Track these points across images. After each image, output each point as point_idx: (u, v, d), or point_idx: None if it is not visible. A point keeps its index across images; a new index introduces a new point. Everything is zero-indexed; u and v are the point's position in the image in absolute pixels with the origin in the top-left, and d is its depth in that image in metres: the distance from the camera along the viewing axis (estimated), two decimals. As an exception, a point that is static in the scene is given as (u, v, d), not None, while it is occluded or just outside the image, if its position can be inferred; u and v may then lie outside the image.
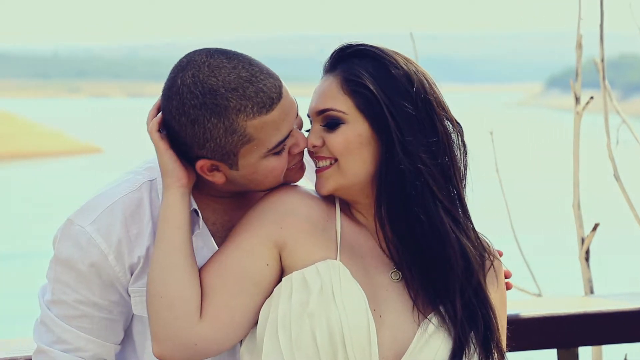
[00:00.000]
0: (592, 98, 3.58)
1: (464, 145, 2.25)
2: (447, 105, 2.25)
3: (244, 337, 2.21)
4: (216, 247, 2.28)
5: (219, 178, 2.21)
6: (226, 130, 2.14)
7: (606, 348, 3.49)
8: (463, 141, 2.25)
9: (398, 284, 2.21)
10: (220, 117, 2.13)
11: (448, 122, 2.23)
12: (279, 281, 2.18)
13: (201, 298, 2.17)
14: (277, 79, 2.18)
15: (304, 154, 2.28)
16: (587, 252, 3.62)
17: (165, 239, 2.18)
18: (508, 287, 2.38)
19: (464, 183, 2.25)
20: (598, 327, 3.01)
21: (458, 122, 2.25)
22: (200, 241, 2.27)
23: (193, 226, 2.24)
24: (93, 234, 2.22)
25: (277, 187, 2.24)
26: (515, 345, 2.40)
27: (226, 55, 2.17)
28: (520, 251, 3.88)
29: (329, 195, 2.25)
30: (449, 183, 2.22)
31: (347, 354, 2.13)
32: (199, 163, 2.19)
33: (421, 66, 2.26)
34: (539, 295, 3.80)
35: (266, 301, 2.18)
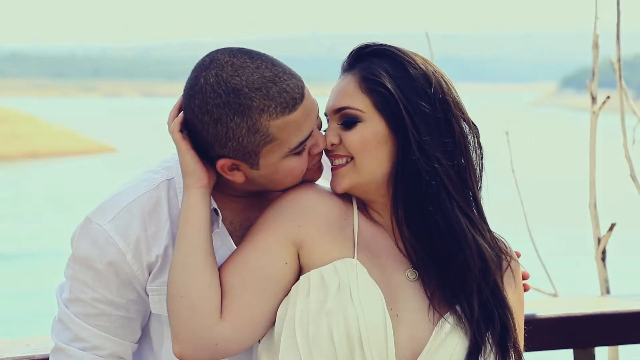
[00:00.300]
0: (609, 98, 3.57)
1: (480, 147, 2.25)
2: (464, 107, 2.25)
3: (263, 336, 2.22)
4: (234, 247, 2.28)
5: (239, 177, 2.21)
6: (249, 129, 2.14)
7: (622, 348, 3.48)
8: (479, 143, 2.25)
9: (414, 283, 2.22)
10: (243, 117, 2.14)
11: (465, 124, 2.23)
12: (297, 280, 2.19)
13: (221, 297, 2.17)
14: (300, 79, 2.18)
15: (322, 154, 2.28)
16: (604, 252, 3.61)
17: (185, 239, 2.18)
18: (526, 289, 2.38)
19: (480, 185, 2.25)
20: (614, 327, 3.00)
21: (474, 124, 2.26)
22: (218, 240, 2.27)
23: (212, 225, 2.25)
24: (111, 233, 2.23)
25: (295, 186, 2.24)
26: (531, 345, 2.40)
27: (249, 55, 2.17)
28: (536, 251, 3.87)
29: (346, 194, 2.25)
30: (465, 184, 2.22)
31: (364, 353, 2.13)
32: (220, 162, 2.19)
33: (439, 67, 2.26)
34: (555, 295, 3.79)
35: (284, 300, 2.18)
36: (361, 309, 2.13)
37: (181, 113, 2.21)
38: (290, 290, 2.18)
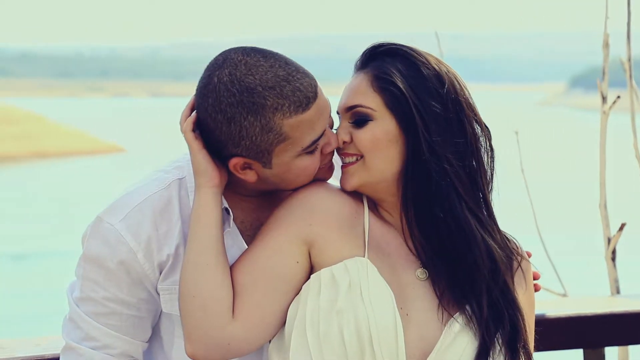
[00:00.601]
0: (619, 97, 3.57)
1: (492, 149, 2.25)
2: (477, 108, 2.25)
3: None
4: (245, 246, 2.28)
5: (251, 176, 2.21)
6: (262, 128, 2.14)
7: (632, 348, 3.47)
8: (491, 146, 2.25)
9: (424, 283, 2.22)
10: (257, 116, 2.14)
11: (477, 125, 2.23)
12: (308, 278, 2.19)
13: (232, 297, 2.17)
14: (313, 78, 2.18)
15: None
16: (614, 252, 3.61)
17: (197, 239, 2.18)
18: (537, 289, 2.37)
19: (491, 186, 2.25)
20: (624, 327, 2.99)
21: (487, 126, 2.25)
22: (229, 240, 2.27)
23: (223, 225, 2.25)
24: (122, 232, 2.23)
25: (306, 185, 2.24)
26: (541, 345, 2.39)
27: (262, 53, 2.17)
28: (545, 251, 3.87)
29: (357, 192, 2.25)
30: (475, 185, 2.22)
31: (375, 352, 2.13)
32: (233, 161, 2.19)
33: (452, 68, 2.26)
34: (565, 295, 3.78)
35: (295, 299, 2.18)
36: (372, 308, 2.13)
37: (194, 112, 2.22)
38: (301, 289, 2.18)
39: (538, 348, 2.36)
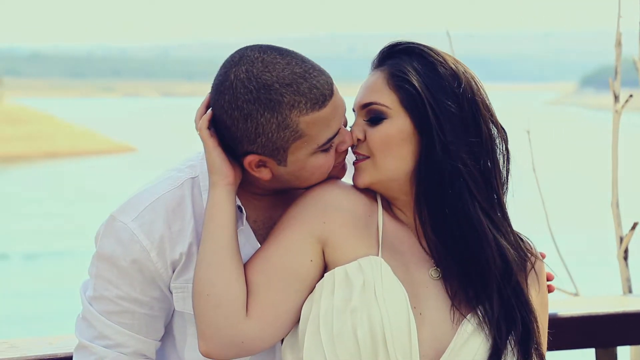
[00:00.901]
0: (632, 96, 3.56)
1: (508, 151, 2.24)
2: (494, 109, 2.24)
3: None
4: (258, 245, 2.28)
5: (266, 174, 2.21)
6: (279, 125, 2.14)
7: (645, 348, 3.46)
8: (507, 148, 2.24)
9: (437, 282, 2.21)
10: (273, 112, 2.14)
11: (493, 126, 2.23)
12: (321, 277, 2.19)
13: (246, 296, 2.18)
14: (329, 76, 2.19)
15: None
16: (626, 251, 3.60)
17: (211, 237, 2.18)
18: (550, 290, 2.37)
19: (505, 188, 2.24)
20: (636, 327, 2.99)
21: (503, 128, 2.25)
22: (242, 238, 2.27)
23: (236, 223, 2.25)
24: (135, 231, 2.23)
25: (319, 183, 2.24)
26: (553, 344, 2.39)
27: (279, 51, 2.17)
28: (557, 250, 3.86)
29: (371, 191, 2.25)
30: (489, 185, 2.21)
31: (388, 351, 2.13)
32: (248, 159, 2.19)
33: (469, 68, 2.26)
34: (577, 294, 3.78)
35: (308, 297, 2.18)
36: (385, 308, 2.13)
37: (209, 110, 2.22)
38: (314, 287, 2.18)
39: (550, 347, 2.36)
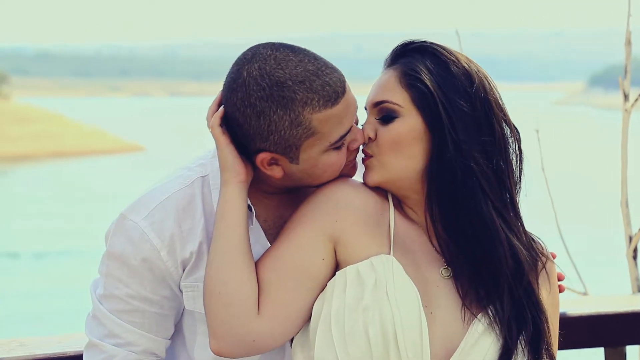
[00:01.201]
0: (642, 95, 3.55)
1: (521, 151, 2.24)
2: (506, 109, 2.24)
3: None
4: (268, 244, 2.28)
5: (277, 172, 2.21)
6: (291, 122, 2.14)
7: (654, 347, 3.45)
8: (520, 148, 2.24)
9: (448, 281, 2.21)
10: (286, 110, 2.14)
11: (506, 126, 2.23)
12: (333, 275, 2.19)
13: (258, 294, 2.18)
14: (341, 74, 2.19)
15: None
16: (635, 251, 3.59)
17: (222, 236, 2.18)
18: (561, 290, 2.36)
19: (518, 187, 2.24)
20: (646, 326, 2.98)
21: (516, 128, 2.24)
22: (252, 237, 2.26)
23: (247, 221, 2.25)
24: (146, 229, 2.23)
25: (330, 180, 2.24)
26: (562, 344, 2.39)
27: (291, 49, 2.18)
28: (566, 250, 3.86)
29: (382, 189, 2.25)
30: (502, 185, 2.21)
31: (399, 350, 2.13)
32: (260, 156, 2.19)
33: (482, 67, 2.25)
34: (586, 294, 3.77)
35: (320, 295, 2.18)
36: (397, 307, 2.13)
37: (221, 107, 2.22)
38: (325, 285, 2.18)
39: (559, 347, 2.36)
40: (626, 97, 3.59)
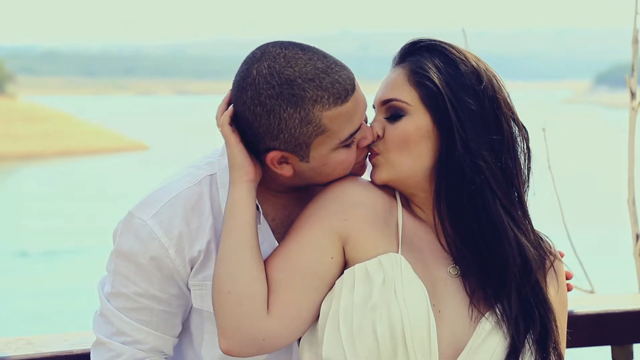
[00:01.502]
0: (649, 93, 3.55)
1: (529, 150, 2.24)
2: (515, 108, 2.24)
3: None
4: (276, 243, 2.28)
5: (287, 171, 2.21)
6: (301, 120, 2.15)
7: (661, 345, 3.45)
8: (528, 147, 2.24)
9: (455, 279, 2.21)
10: (296, 107, 2.14)
11: (514, 125, 2.23)
12: (341, 274, 2.19)
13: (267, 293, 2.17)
14: (350, 71, 2.19)
15: None
16: (642, 249, 3.59)
17: (232, 235, 2.18)
18: (569, 289, 2.36)
19: (526, 186, 2.24)
20: (653, 324, 2.98)
21: (524, 127, 2.24)
22: (260, 236, 2.26)
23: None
24: (154, 228, 2.24)
25: (339, 179, 2.24)
26: (568, 342, 2.39)
27: (300, 47, 2.18)
28: (573, 248, 3.86)
29: (390, 187, 2.25)
30: (510, 183, 2.21)
31: (407, 349, 2.13)
32: (270, 155, 2.19)
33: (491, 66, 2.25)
34: (592, 292, 3.77)
35: (328, 294, 2.17)
36: (405, 305, 2.13)
37: (230, 106, 2.22)
38: (334, 284, 2.18)
39: (566, 345, 2.36)
40: (633, 95, 3.59)
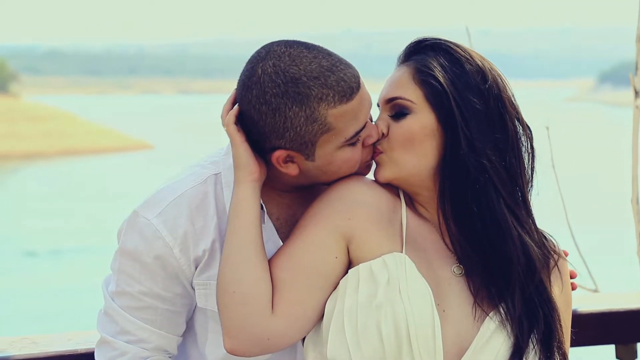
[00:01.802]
0: (652, 91, 3.54)
1: (533, 149, 2.24)
2: (519, 107, 2.24)
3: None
4: (280, 242, 2.28)
5: (293, 170, 2.21)
6: (307, 119, 2.15)
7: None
8: (532, 146, 2.24)
9: (460, 279, 2.21)
10: (302, 106, 2.14)
11: (518, 124, 2.23)
12: (345, 273, 2.19)
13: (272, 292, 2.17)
14: (355, 70, 2.19)
15: None
16: (646, 248, 3.59)
17: (236, 234, 2.18)
18: (573, 288, 2.36)
19: (530, 186, 2.24)
20: (657, 323, 2.98)
21: (529, 127, 2.24)
22: (264, 235, 2.26)
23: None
24: (159, 227, 2.24)
25: (343, 178, 2.24)
26: (572, 341, 2.39)
27: (305, 45, 2.18)
28: (576, 247, 3.86)
29: (394, 187, 2.25)
30: (514, 182, 2.21)
31: (412, 348, 2.13)
32: (276, 154, 2.19)
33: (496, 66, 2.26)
34: (596, 291, 3.77)
35: (332, 293, 2.18)
36: (410, 305, 2.13)
37: (235, 105, 2.22)
38: (338, 283, 2.18)
39: (570, 344, 2.36)
40: (637, 94, 3.58)
